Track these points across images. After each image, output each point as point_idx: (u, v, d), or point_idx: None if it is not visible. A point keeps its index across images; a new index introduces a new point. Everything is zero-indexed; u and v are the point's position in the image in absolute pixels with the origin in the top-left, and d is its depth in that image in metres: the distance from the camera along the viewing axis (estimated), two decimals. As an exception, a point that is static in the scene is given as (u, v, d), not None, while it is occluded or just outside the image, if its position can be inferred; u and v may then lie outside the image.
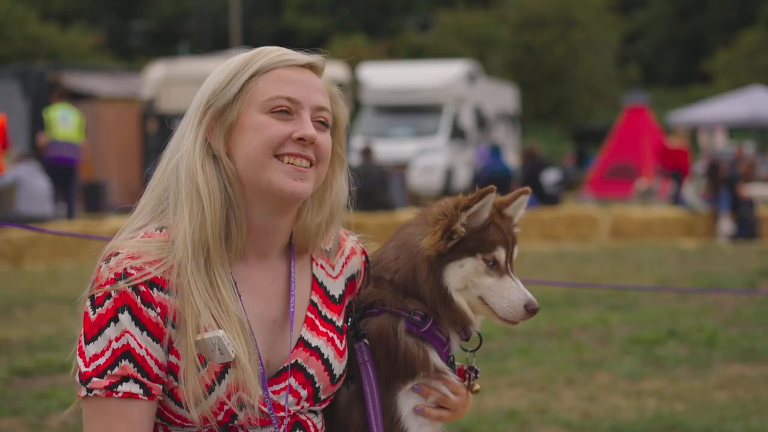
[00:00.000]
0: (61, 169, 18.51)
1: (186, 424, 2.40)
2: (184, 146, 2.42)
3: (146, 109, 25.25)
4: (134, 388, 2.33)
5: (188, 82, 22.15)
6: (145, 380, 2.33)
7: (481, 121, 31.65)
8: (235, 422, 2.39)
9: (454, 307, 2.53)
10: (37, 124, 21.13)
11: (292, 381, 2.44)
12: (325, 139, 2.46)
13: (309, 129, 2.40)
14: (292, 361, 2.45)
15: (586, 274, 14.05)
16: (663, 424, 6.60)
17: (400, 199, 22.64)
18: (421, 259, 2.54)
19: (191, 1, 56.96)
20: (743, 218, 19.78)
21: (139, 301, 2.33)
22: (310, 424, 2.50)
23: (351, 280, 2.63)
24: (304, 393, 2.46)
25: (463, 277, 2.52)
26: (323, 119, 2.46)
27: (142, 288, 2.33)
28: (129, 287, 2.32)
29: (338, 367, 2.51)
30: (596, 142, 36.57)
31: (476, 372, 2.63)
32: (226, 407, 2.36)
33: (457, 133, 29.72)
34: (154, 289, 2.34)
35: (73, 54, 45.64)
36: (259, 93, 2.41)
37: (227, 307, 2.36)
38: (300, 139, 2.39)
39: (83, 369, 2.33)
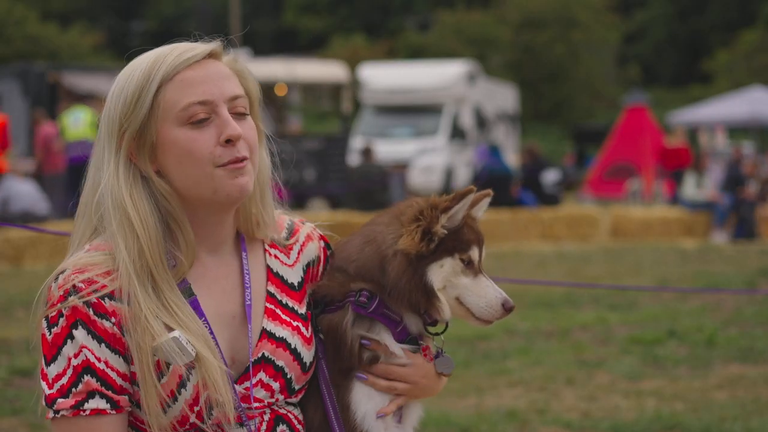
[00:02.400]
0: (78, 168, 18.53)
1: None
2: (106, 175, 2.35)
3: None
4: (101, 404, 2.29)
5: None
6: (110, 393, 2.30)
7: (481, 121, 31.65)
8: (209, 422, 2.35)
9: (435, 303, 2.52)
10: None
11: (262, 375, 2.41)
12: (248, 128, 2.40)
13: (233, 128, 2.34)
14: (259, 355, 2.42)
15: (586, 274, 14.05)
16: (663, 424, 6.60)
17: (400, 199, 22.60)
18: (394, 256, 2.51)
19: (191, 1, 56.96)
20: (744, 218, 19.78)
21: (91, 313, 2.29)
22: (291, 416, 2.47)
23: (309, 267, 2.58)
24: (276, 385, 2.43)
25: (443, 277, 2.52)
26: (241, 108, 2.39)
27: (93, 300, 2.29)
28: (80, 302, 2.29)
29: (307, 354, 2.48)
30: (596, 142, 36.55)
31: (442, 355, 2.60)
32: (196, 409, 2.33)
33: (457, 133, 29.73)
34: (106, 299, 2.30)
35: (73, 54, 45.60)
36: (170, 105, 2.33)
37: (180, 318, 2.32)
38: (227, 141, 2.34)
39: (47, 392, 2.31)
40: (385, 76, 30.55)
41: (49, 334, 2.31)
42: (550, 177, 22.55)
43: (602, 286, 12.59)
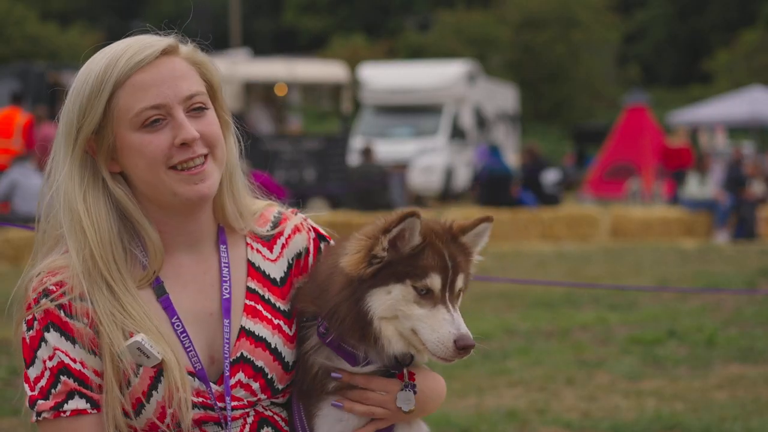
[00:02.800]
0: None
1: None
2: (60, 177, 2.34)
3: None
4: (81, 404, 2.29)
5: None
6: (89, 393, 2.30)
7: (481, 121, 31.66)
8: (187, 424, 2.32)
9: (373, 335, 2.31)
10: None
11: (241, 375, 2.37)
12: (207, 124, 2.35)
13: (187, 131, 2.30)
14: (237, 355, 2.37)
15: (586, 274, 14.05)
16: (663, 424, 6.60)
17: (400, 199, 22.64)
18: (337, 274, 2.33)
19: (191, 1, 56.97)
20: (744, 218, 19.78)
21: (62, 315, 2.29)
22: (278, 418, 2.43)
23: (297, 259, 2.51)
24: (256, 385, 2.38)
25: (390, 305, 2.30)
26: (199, 104, 2.35)
27: (65, 302, 2.29)
28: (51, 304, 2.29)
29: (289, 353, 2.42)
30: (596, 142, 36.54)
31: (413, 387, 2.41)
32: (169, 410, 2.30)
33: (457, 133, 29.74)
34: (77, 300, 2.29)
35: (73, 54, 45.57)
36: (123, 110, 2.31)
37: (136, 320, 2.30)
38: (182, 144, 2.31)
39: (29, 393, 2.32)
40: (385, 76, 30.56)
41: (27, 338, 2.33)
42: (550, 177, 22.55)
43: (602, 286, 12.58)
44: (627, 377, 7.96)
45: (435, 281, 2.31)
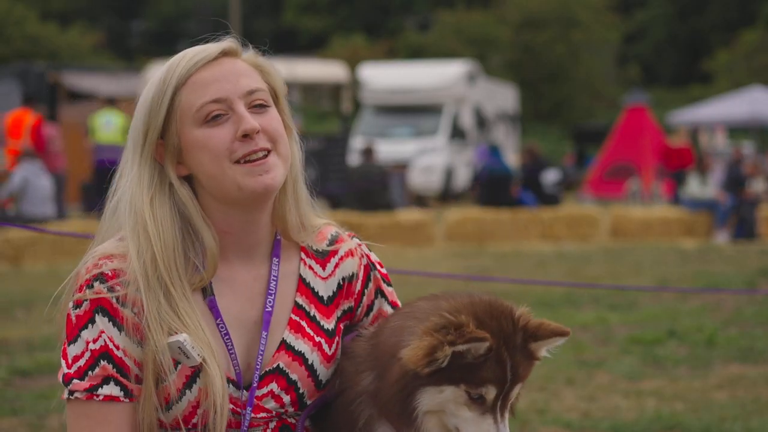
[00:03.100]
0: (106, 171, 18.97)
1: (169, 428, 2.36)
2: (128, 180, 2.39)
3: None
4: (115, 391, 2.30)
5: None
6: (125, 381, 2.31)
7: (481, 121, 31.67)
8: (212, 425, 2.34)
9: (414, 427, 2.28)
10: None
11: (273, 386, 2.39)
12: (268, 119, 2.38)
13: (248, 122, 2.34)
14: (274, 366, 2.40)
15: (586, 274, 14.05)
16: (663, 424, 6.60)
17: (400, 199, 22.64)
18: (396, 361, 2.28)
19: (191, 1, 56.96)
20: (744, 218, 19.78)
21: (114, 301, 2.32)
22: (299, 426, 2.44)
23: (346, 282, 2.53)
24: (287, 398, 2.41)
25: (439, 402, 2.26)
26: (260, 101, 2.39)
27: (118, 288, 2.32)
28: (105, 289, 2.32)
29: (324, 372, 2.44)
30: (596, 142, 36.54)
31: None
32: (199, 411, 2.33)
33: (457, 133, 29.74)
34: (131, 289, 2.32)
35: (73, 54, 45.61)
36: (186, 108, 2.35)
37: (188, 326, 2.32)
38: (244, 136, 2.34)
39: (66, 370, 2.35)
40: (385, 76, 30.57)
41: (74, 316, 2.36)
42: (550, 177, 22.54)
43: (602, 286, 12.58)
44: (627, 377, 7.96)
45: (490, 392, 2.28)
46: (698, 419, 6.67)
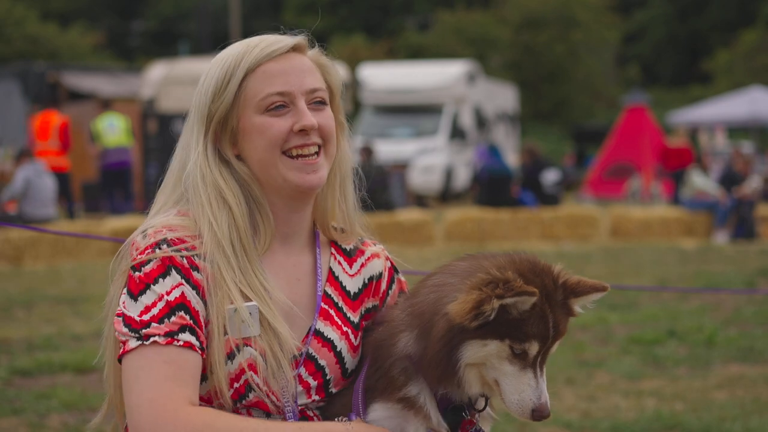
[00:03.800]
0: (116, 173, 19.41)
1: (217, 386, 2.37)
2: (194, 156, 2.47)
3: (146, 109, 25.24)
4: (192, 339, 2.32)
5: (188, 82, 22.15)
6: (199, 332, 2.34)
7: (481, 121, 31.66)
8: (244, 401, 2.38)
9: (455, 379, 2.36)
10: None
11: (302, 370, 2.45)
12: (325, 117, 2.51)
13: (307, 119, 2.45)
14: (303, 350, 2.45)
15: (586, 274, 13.99)
16: (662, 424, 6.61)
17: (400, 199, 22.64)
18: (442, 316, 2.35)
19: (191, 1, 56.95)
20: (743, 218, 19.78)
21: (185, 263, 2.36)
22: (316, 420, 2.49)
23: (372, 281, 2.64)
24: (314, 383, 2.46)
25: (482, 356, 2.33)
26: (320, 99, 2.50)
27: (185, 253, 2.36)
28: (173, 252, 2.36)
29: (351, 361, 2.52)
30: (596, 142, 36.57)
31: None
32: (236, 384, 2.36)
33: (457, 133, 29.74)
34: (195, 256, 2.37)
35: (73, 54, 45.63)
36: (251, 94, 2.45)
37: (266, 286, 2.40)
38: (301, 130, 2.45)
39: (137, 318, 2.31)
40: (385, 76, 30.56)
41: (139, 273, 2.34)
42: (550, 177, 22.50)
43: (602, 286, 12.56)
44: (627, 377, 7.97)
45: (533, 347, 2.33)
46: (698, 419, 6.68)
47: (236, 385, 2.36)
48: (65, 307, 11.09)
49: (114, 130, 19.99)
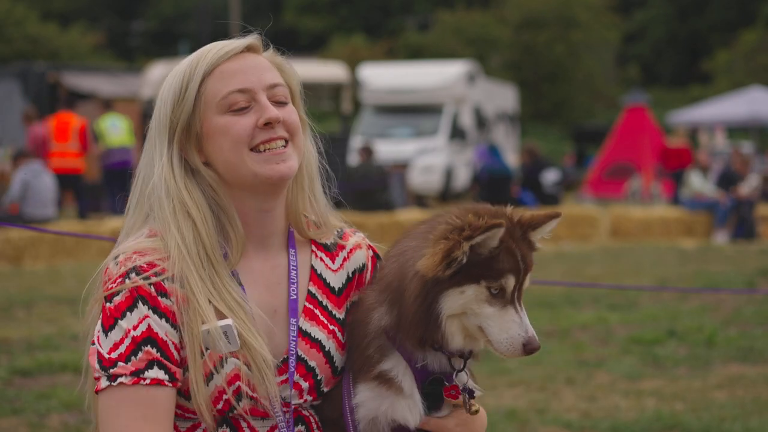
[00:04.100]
0: (118, 173, 19.74)
1: (187, 414, 2.39)
2: (158, 170, 2.43)
3: (146, 109, 25.21)
4: (160, 374, 2.31)
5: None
6: (169, 365, 2.33)
7: (481, 121, 31.65)
8: (234, 412, 2.37)
9: (439, 334, 2.35)
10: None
11: (293, 374, 2.44)
12: (288, 112, 2.48)
13: (270, 111, 2.43)
14: (293, 353, 2.44)
15: (586, 274, 14.05)
16: (662, 424, 6.61)
17: (400, 199, 22.64)
18: (412, 277, 2.36)
19: (191, 1, 56.93)
20: (743, 218, 19.78)
21: (153, 291, 2.34)
22: (312, 420, 2.50)
23: (356, 274, 2.62)
24: (305, 385, 2.45)
25: (461, 304, 2.34)
26: (280, 97, 2.48)
27: (155, 280, 2.34)
28: (142, 280, 2.34)
29: (340, 359, 2.51)
30: (596, 142, 36.56)
31: (471, 392, 2.47)
32: (225, 396, 2.36)
33: (457, 133, 29.72)
34: (165, 281, 2.35)
35: (73, 54, 45.61)
36: (211, 96, 2.43)
37: (237, 301, 2.38)
38: (266, 123, 2.42)
39: (106, 356, 2.31)
40: (385, 76, 30.54)
41: (108, 309, 2.34)
42: (550, 177, 22.53)
43: (602, 286, 12.58)
44: (627, 377, 7.97)
45: (509, 282, 2.36)
46: (698, 419, 6.68)
47: (225, 396, 2.36)
48: (65, 307, 11.09)
49: (116, 130, 20.11)
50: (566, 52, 52.12)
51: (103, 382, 2.31)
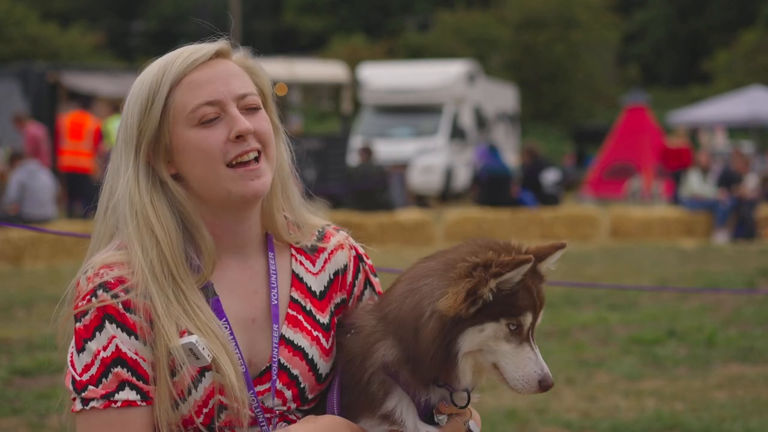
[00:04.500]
0: None
1: (158, 428, 2.35)
2: (123, 182, 2.37)
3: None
4: (131, 395, 2.29)
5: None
6: (140, 384, 2.30)
7: (481, 121, 31.66)
8: (217, 424, 2.35)
9: (453, 373, 2.33)
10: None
11: (276, 383, 2.40)
12: (259, 120, 2.40)
13: (241, 124, 2.35)
14: (275, 360, 2.40)
15: (586, 274, 14.05)
16: (662, 424, 6.61)
17: (400, 199, 22.64)
18: (430, 316, 2.31)
19: (191, 1, 56.93)
20: (743, 218, 19.78)
21: (120, 308, 2.31)
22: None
23: (338, 275, 2.55)
24: (289, 394, 2.42)
25: (480, 342, 2.32)
26: (252, 104, 2.41)
27: (123, 295, 2.31)
28: (109, 297, 2.31)
29: (324, 366, 2.46)
30: (596, 142, 36.56)
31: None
32: (205, 410, 2.33)
33: (457, 133, 29.74)
34: (136, 295, 2.32)
35: (73, 54, 45.61)
36: (180, 108, 2.36)
37: (201, 320, 2.33)
38: (237, 137, 2.35)
39: (78, 378, 2.31)
40: (385, 76, 30.56)
41: (78, 327, 2.33)
42: (550, 177, 22.50)
43: (602, 286, 12.58)
44: (627, 377, 7.97)
45: (527, 319, 2.34)
46: (698, 419, 6.68)
47: (205, 410, 2.34)
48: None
49: None
50: (566, 52, 52.12)
51: (78, 405, 2.30)
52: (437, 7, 56.22)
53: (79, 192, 19.85)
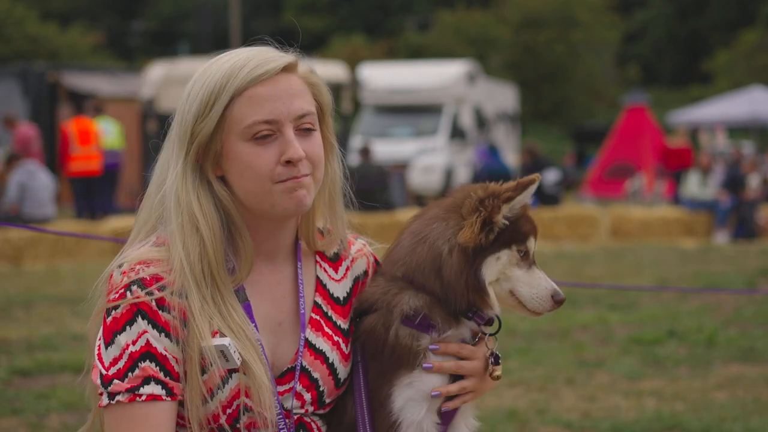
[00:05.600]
0: (108, 174, 20.16)
1: (189, 424, 2.38)
2: (172, 177, 2.39)
3: (146, 109, 25.25)
4: (156, 390, 2.31)
5: (188, 82, 22.13)
6: (167, 380, 2.32)
7: (481, 121, 31.65)
8: (239, 425, 2.37)
9: (487, 301, 2.47)
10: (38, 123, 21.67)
11: (296, 385, 2.43)
12: (312, 144, 2.42)
13: (294, 151, 2.36)
14: (298, 364, 2.44)
15: (586, 274, 14.05)
16: (663, 424, 6.61)
17: (400, 199, 22.63)
18: (450, 251, 2.45)
19: (191, 1, 56.92)
20: (744, 218, 19.78)
21: (154, 305, 2.33)
22: (314, 426, 2.49)
23: (357, 281, 2.61)
24: (308, 396, 2.45)
25: (498, 269, 2.47)
26: (308, 125, 2.41)
27: (157, 293, 2.33)
28: (144, 294, 2.32)
29: (343, 371, 2.50)
30: (596, 142, 36.56)
31: (497, 357, 2.55)
32: (228, 410, 2.36)
33: (457, 133, 29.71)
34: (170, 293, 2.34)
35: (73, 54, 45.62)
36: (237, 120, 2.36)
37: (235, 321, 2.36)
38: (288, 162, 2.37)
39: (104, 372, 2.32)
40: (385, 76, 30.53)
41: (108, 320, 2.34)
42: (550, 177, 22.49)
43: (602, 286, 12.58)
44: (627, 377, 7.96)
45: (532, 243, 2.52)
46: (698, 419, 6.67)
47: (229, 410, 2.36)
48: (65, 307, 11.09)
49: (107, 134, 20.47)
50: (566, 52, 52.13)
51: (104, 400, 2.32)
52: (437, 7, 56.23)
53: (93, 194, 19.94)
